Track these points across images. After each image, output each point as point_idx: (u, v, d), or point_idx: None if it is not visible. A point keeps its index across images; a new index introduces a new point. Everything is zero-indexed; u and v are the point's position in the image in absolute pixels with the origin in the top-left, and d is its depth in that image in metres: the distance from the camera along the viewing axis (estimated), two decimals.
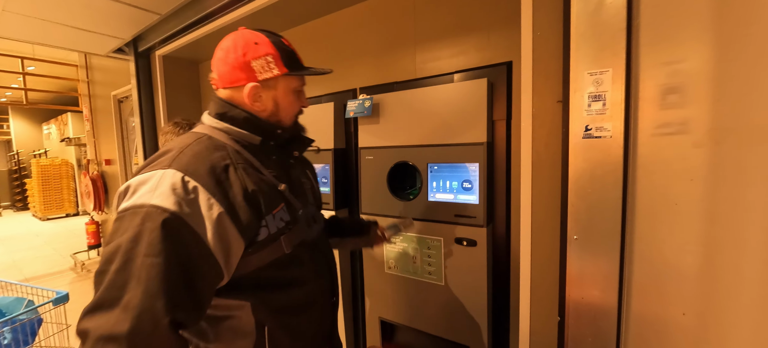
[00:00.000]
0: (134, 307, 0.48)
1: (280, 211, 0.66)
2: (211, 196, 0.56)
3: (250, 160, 0.66)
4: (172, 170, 0.56)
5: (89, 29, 2.20)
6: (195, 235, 0.53)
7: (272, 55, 0.67)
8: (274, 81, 0.69)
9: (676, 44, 0.73)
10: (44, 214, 6.98)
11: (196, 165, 0.58)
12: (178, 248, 0.52)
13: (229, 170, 0.61)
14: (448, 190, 1.34)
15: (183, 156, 0.59)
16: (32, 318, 1.39)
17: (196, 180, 0.56)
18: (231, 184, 0.59)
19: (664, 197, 0.76)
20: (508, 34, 1.27)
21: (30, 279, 3.61)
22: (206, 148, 0.62)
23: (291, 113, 0.74)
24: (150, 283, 0.49)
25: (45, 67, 4.38)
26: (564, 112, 0.88)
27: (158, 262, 0.49)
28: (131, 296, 0.48)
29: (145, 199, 0.53)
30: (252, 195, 0.61)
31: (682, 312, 0.76)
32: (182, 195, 0.54)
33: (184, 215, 0.53)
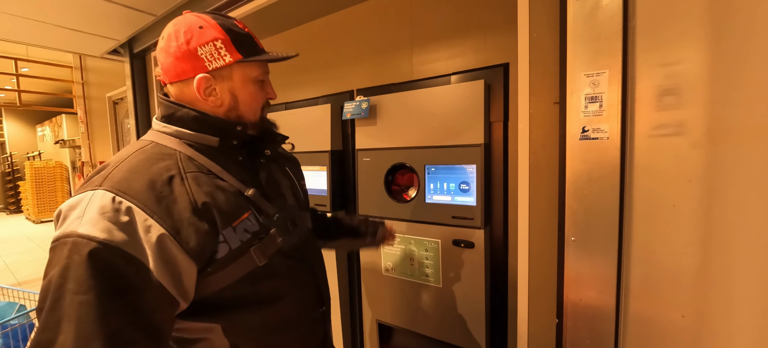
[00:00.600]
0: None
1: (243, 221, 0.58)
2: (148, 217, 0.49)
3: (207, 165, 0.58)
4: (101, 191, 0.49)
5: (84, 30, 2.18)
6: (133, 263, 0.47)
7: (222, 39, 0.58)
8: (227, 70, 0.59)
9: (672, 46, 0.73)
10: (38, 217, 6.90)
11: (131, 181, 0.50)
12: (112, 280, 0.45)
13: (173, 182, 0.53)
14: (446, 191, 1.34)
15: (117, 171, 0.52)
16: (24, 323, 1.36)
17: (129, 199, 0.49)
18: (175, 198, 0.52)
19: (661, 199, 0.76)
20: (504, 35, 1.27)
21: (22, 283, 3.57)
22: (147, 158, 0.55)
23: (254, 107, 0.64)
24: (81, 323, 0.43)
25: (39, 68, 4.34)
26: (561, 113, 0.88)
27: (88, 299, 0.43)
28: (63, 340, 0.43)
29: (72, 227, 0.46)
30: (203, 208, 0.53)
31: (681, 314, 0.76)
32: (113, 219, 0.47)
33: (116, 243, 0.46)
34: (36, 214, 6.86)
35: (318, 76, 1.86)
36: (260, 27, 1.94)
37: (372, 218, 1.10)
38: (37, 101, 6.32)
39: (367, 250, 1.56)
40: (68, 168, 7.24)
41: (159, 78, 0.63)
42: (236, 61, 0.59)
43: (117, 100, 3.35)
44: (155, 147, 0.58)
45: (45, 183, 6.93)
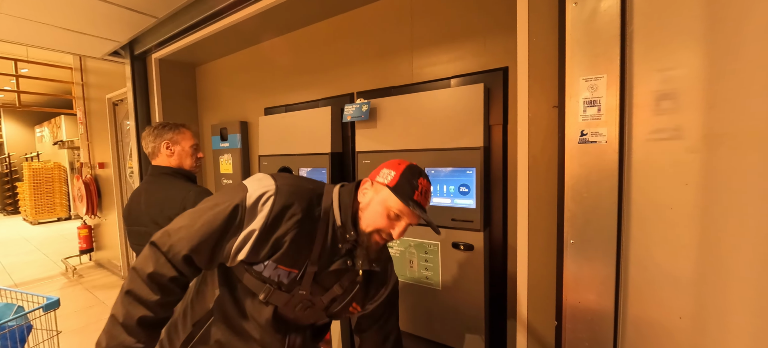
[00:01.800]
0: (183, 231, 0.70)
1: (285, 271, 0.75)
2: (267, 215, 0.71)
3: (318, 228, 0.76)
4: (275, 186, 0.73)
5: (85, 32, 2.18)
6: (239, 227, 0.71)
7: (396, 173, 0.77)
8: (380, 187, 0.77)
9: (669, 51, 0.74)
10: (35, 218, 6.87)
11: (286, 192, 0.73)
12: (227, 222, 0.70)
13: (294, 217, 0.73)
14: (445, 194, 1.34)
15: (291, 186, 0.75)
16: (21, 324, 1.36)
17: (275, 199, 0.72)
18: (283, 223, 0.72)
19: (658, 201, 0.77)
20: (504, 40, 1.28)
21: (20, 284, 3.55)
22: (307, 193, 0.76)
23: (371, 222, 0.77)
24: (200, 226, 0.70)
25: (39, 69, 4.33)
26: (560, 117, 0.89)
27: (217, 219, 0.70)
28: (190, 223, 0.70)
29: (249, 186, 0.73)
30: (281, 242, 0.73)
31: (679, 315, 0.76)
32: (260, 200, 0.71)
33: (247, 212, 0.71)
34: (33, 215, 6.83)
35: (318, 79, 1.87)
36: (261, 31, 1.96)
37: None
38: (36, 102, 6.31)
39: None
40: (67, 169, 7.21)
41: None
42: (389, 186, 0.76)
43: (117, 101, 3.35)
44: (319, 196, 0.78)
45: (43, 184, 6.91)
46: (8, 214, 8.43)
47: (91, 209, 3.77)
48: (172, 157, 1.25)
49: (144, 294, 0.69)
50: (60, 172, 7.14)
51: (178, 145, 1.26)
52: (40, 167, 6.93)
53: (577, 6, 0.84)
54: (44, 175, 6.93)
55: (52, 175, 7.04)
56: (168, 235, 0.71)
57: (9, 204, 8.41)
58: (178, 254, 0.70)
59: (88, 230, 3.93)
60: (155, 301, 0.70)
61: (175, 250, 0.70)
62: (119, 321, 0.69)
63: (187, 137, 1.28)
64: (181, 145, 1.26)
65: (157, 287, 0.70)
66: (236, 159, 2.34)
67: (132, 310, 0.69)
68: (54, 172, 7.05)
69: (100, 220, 3.90)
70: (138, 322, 0.69)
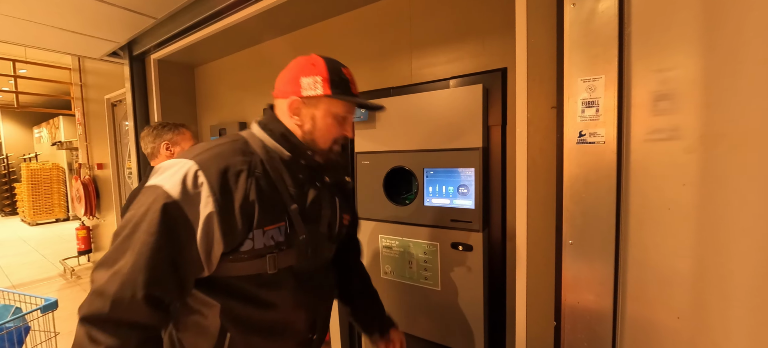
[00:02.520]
0: (123, 274, 0.54)
1: (274, 229, 0.65)
2: (211, 194, 0.59)
3: (274, 171, 0.68)
4: (191, 162, 0.61)
5: (83, 32, 2.18)
6: (188, 225, 0.58)
7: (323, 77, 0.69)
8: (315, 100, 0.70)
9: (666, 52, 0.75)
10: (33, 219, 6.85)
11: (213, 163, 0.62)
12: (171, 232, 0.56)
13: (240, 175, 0.63)
14: (444, 194, 1.34)
15: (208, 153, 0.63)
16: (19, 326, 1.35)
17: (205, 176, 0.60)
18: (236, 188, 0.62)
19: (657, 202, 0.77)
20: (502, 40, 1.28)
21: (17, 286, 3.53)
22: (232, 150, 0.66)
23: (327, 137, 0.73)
24: (140, 257, 0.54)
25: (37, 70, 4.32)
26: (558, 117, 0.89)
27: (152, 240, 0.55)
28: (124, 263, 0.54)
29: (161, 181, 0.59)
30: (250, 205, 0.62)
31: (677, 316, 0.77)
32: (189, 186, 0.58)
33: (183, 204, 0.57)
34: (31, 216, 6.81)
35: None
36: (259, 30, 1.96)
37: (388, 318, 0.98)
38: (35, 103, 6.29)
39: (365, 245, 1.56)
40: (65, 170, 7.19)
41: (273, 93, 0.76)
42: (325, 95, 0.69)
43: (115, 102, 3.34)
44: (243, 144, 0.69)
45: (41, 185, 6.89)
46: (6, 215, 8.40)
47: (89, 210, 3.76)
48: (171, 158, 1.24)
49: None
50: (58, 173, 7.12)
51: (178, 146, 1.25)
52: (39, 168, 6.91)
53: (575, 7, 0.84)
54: (42, 176, 6.92)
55: (51, 176, 7.02)
56: (101, 295, 0.53)
57: (7, 205, 8.38)
58: (133, 303, 0.53)
59: (86, 231, 3.92)
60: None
61: (123, 302, 0.53)
62: None
63: (187, 138, 1.28)
64: (181, 146, 1.26)
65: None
66: None
67: None
68: (52, 173, 7.03)
69: (98, 221, 3.89)
70: None
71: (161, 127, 1.27)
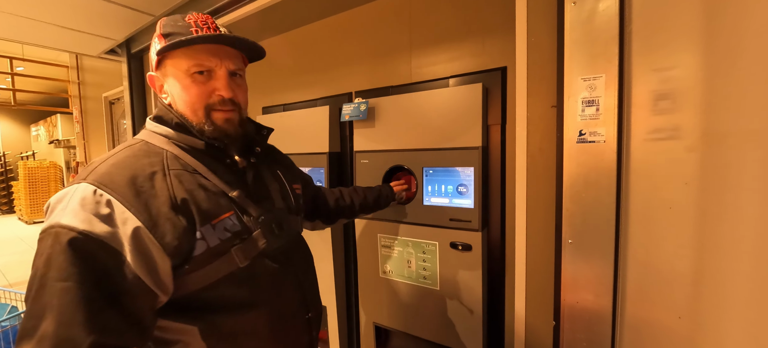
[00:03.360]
0: (49, 338, 0.43)
1: (224, 220, 0.58)
2: (126, 209, 0.50)
3: (193, 164, 0.59)
4: (84, 184, 0.50)
5: (81, 30, 2.17)
6: (111, 252, 0.48)
7: (158, 35, 0.56)
8: (162, 65, 0.58)
9: (667, 51, 0.75)
10: (30, 218, 6.82)
11: (114, 175, 0.52)
12: (91, 268, 0.46)
13: (154, 178, 0.54)
14: (444, 194, 1.34)
15: (102, 166, 0.53)
16: (15, 325, 1.34)
17: (110, 192, 0.50)
18: (155, 193, 0.53)
19: (657, 201, 0.77)
20: (502, 40, 1.28)
21: (14, 284, 3.51)
22: (133, 155, 0.56)
23: (191, 104, 0.59)
24: (62, 310, 0.44)
25: (34, 67, 4.30)
26: (558, 116, 0.89)
27: (69, 286, 0.45)
28: (46, 326, 0.44)
29: (56, 218, 0.48)
30: (182, 205, 0.54)
31: (678, 315, 0.76)
32: (93, 210, 0.48)
33: (95, 232, 0.47)
34: (29, 214, 6.78)
35: (316, 78, 1.86)
36: (258, 29, 1.95)
37: (380, 188, 1.13)
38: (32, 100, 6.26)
39: (363, 246, 1.56)
40: (62, 168, 7.16)
41: None
42: (159, 51, 0.56)
43: (113, 100, 3.33)
44: (144, 145, 0.59)
45: (38, 183, 6.85)
46: (3, 213, 8.36)
47: None
48: None
49: None
50: (56, 171, 7.08)
51: None
52: (36, 166, 6.87)
53: (576, 6, 0.84)
54: (40, 174, 6.88)
55: (48, 175, 6.98)
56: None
57: (4, 203, 8.34)
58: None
59: None
60: None
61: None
62: None
63: None
64: None
65: None
66: None
67: None
68: (50, 171, 7.00)
69: None
70: None
71: None
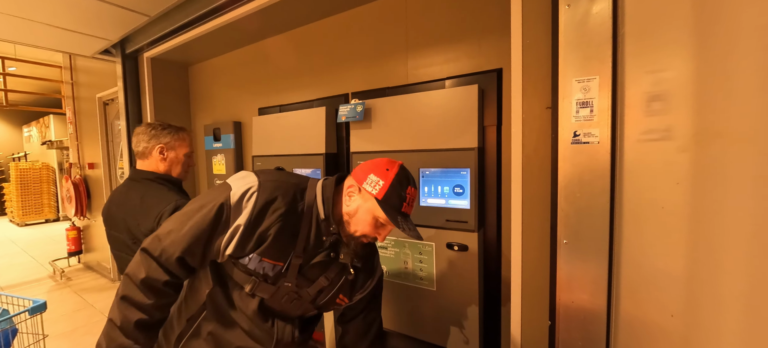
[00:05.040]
0: (173, 235, 0.73)
1: (270, 263, 0.77)
2: (251, 210, 0.73)
3: (302, 222, 0.78)
4: (258, 180, 0.76)
5: (75, 30, 2.15)
6: (227, 223, 0.73)
7: (385, 183, 0.77)
8: (368, 195, 0.77)
9: (660, 53, 0.76)
10: (22, 220, 6.71)
11: (268, 190, 0.75)
12: (215, 221, 0.73)
13: (276, 211, 0.75)
14: (440, 195, 1.34)
15: (273, 182, 0.77)
16: (6, 328, 1.32)
17: (258, 194, 0.74)
18: (266, 217, 0.74)
19: (650, 201, 0.78)
20: (498, 41, 1.29)
21: (5, 287, 3.46)
22: (288, 188, 0.77)
23: (358, 229, 0.79)
24: (188, 228, 0.72)
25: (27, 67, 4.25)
26: (553, 118, 0.90)
27: (204, 220, 0.72)
28: (178, 227, 0.73)
29: (233, 185, 0.75)
30: (265, 236, 0.75)
31: (671, 313, 0.77)
32: (244, 196, 0.74)
33: (233, 208, 0.73)
34: (20, 216, 6.67)
35: (313, 79, 1.86)
36: (255, 30, 1.94)
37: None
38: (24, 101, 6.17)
39: None
40: (55, 170, 7.07)
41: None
42: (374, 197, 0.76)
43: (107, 100, 3.29)
44: (301, 191, 0.79)
45: (30, 185, 6.75)
46: None
47: (80, 210, 3.70)
48: (162, 163, 1.16)
49: (139, 298, 0.72)
50: (48, 173, 6.99)
51: (173, 151, 1.17)
52: (28, 167, 6.78)
53: (570, 8, 0.85)
54: (32, 175, 6.79)
55: (40, 176, 6.89)
56: (158, 240, 0.73)
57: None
58: (171, 257, 0.72)
59: (76, 232, 3.86)
60: (150, 305, 0.73)
61: (167, 253, 0.72)
62: (117, 325, 0.72)
63: (185, 145, 1.20)
64: (176, 152, 1.17)
65: (151, 292, 0.73)
66: (229, 160, 2.32)
67: (128, 314, 0.72)
68: (42, 172, 6.90)
69: (89, 221, 3.83)
70: (135, 325, 0.72)
71: (161, 129, 1.16)
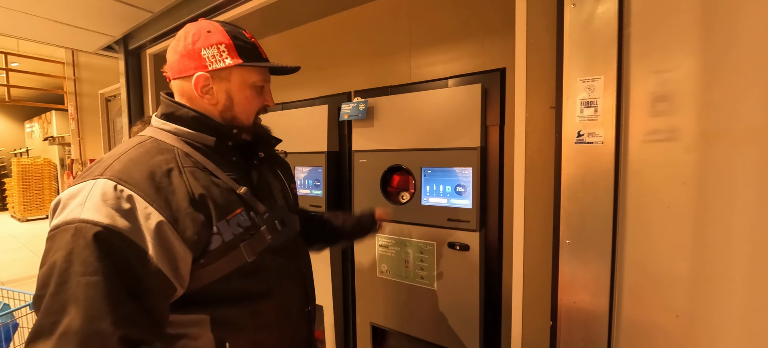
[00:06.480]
0: (76, 333, 0.44)
1: (236, 216, 0.61)
2: (148, 204, 0.51)
3: (203, 162, 0.61)
4: (103, 179, 0.51)
5: (78, 25, 2.15)
6: (134, 247, 0.49)
7: (226, 44, 0.62)
8: (226, 72, 0.63)
9: (665, 53, 0.75)
10: (24, 215, 6.74)
11: (132, 171, 0.53)
12: (116, 263, 0.47)
13: (171, 174, 0.56)
14: (442, 194, 1.34)
15: (117, 163, 0.55)
16: (7, 322, 1.33)
17: (131, 187, 0.51)
18: (174, 189, 0.55)
19: (655, 201, 0.78)
20: (502, 41, 1.29)
21: (6, 283, 3.47)
22: (147, 151, 0.58)
23: (249, 110, 0.67)
24: (90, 303, 0.45)
25: (30, 63, 4.26)
26: (557, 117, 0.89)
27: (96, 280, 0.45)
28: (70, 320, 0.44)
29: (74, 213, 0.48)
30: (199, 200, 0.56)
31: (675, 314, 0.77)
32: (115, 205, 0.49)
33: (119, 228, 0.48)
34: (22, 212, 6.70)
35: (315, 77, 1.86)
36: (259, 27, 1.94)
37: (363, 213, 1.13)
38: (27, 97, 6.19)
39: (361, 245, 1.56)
40: (57, 165, 7.09)
41: (165, 74, 0.67)
42: (236, 64, 0.62)
43: (109, 97, 3.30)
44: (154, 142, 0.61)
45: (32, 180, 6.78)
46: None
47: None
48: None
49: None
50: (50, 169, 7.01)
51: None
52: (30, 163, 6.80)
53: (575, 7, 0.85)
54: (34, 171, 6.81)
55: (42, 172, 6.91)
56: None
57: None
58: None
59: None
60: None
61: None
62: None
63: None
64: None
65: None
66: None
67: None
68: (44, 168, 6.93)
69: None
70: None
71: None
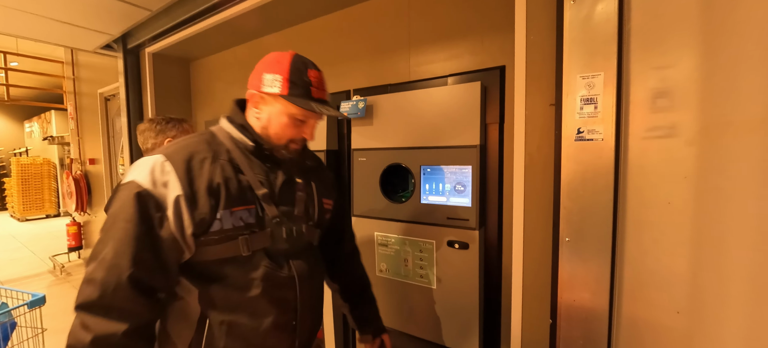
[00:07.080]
0: (106, 261, 0.59)
1: (242, 210, 0.69)
2: (178, 180, 0.64)
3: (237, 159, 0.72)
4: (160, 156, 0.66)
5: (76, 24, 2.14)
6: (159, 208, 0.63)
7: (283, 77, 0.71)
8: (272, 98, 0.72)
9: (665, 49, 0.75)
10: (23, 215, 6.73)
11: (179, 153, 0.67)
12: (145, 217, 0.62)
13: (204, 162, 0.68)
14: (441, 192, 1.34)
15: (175, 146, 0.69)
16: (5, 321, 1.32)
17: (172, 165, 0.65)
18: (200, 174, 0.66)
19: (655, 198, 0.77)
20: (501, 39, 1.28)
21: (5, 282, 3.46)
22: (197, 142, 0.71)
23: (281, 135, 0.74)
24: (119, 242, 0.60)
25: (29, 62, 4.25)
26: (557, 115, 0.89)
27: (128, 226, 0.60)
28: (106, 251, 0.60)
29: (133, 176, 0.64)
30: (216, 188, 0.67)
31: (676, 311, 0.76)
32: (157, 175, 0.64)
33: (153, 191, 0.63)
34: (21, 211, 6.69)
35: None
36: (256, 25, 1.94)
37: (377, 322, 1.02)
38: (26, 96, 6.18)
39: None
40: (56, 165, 7.08)
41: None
42: (280, 95, 0.71)
43: (109, 96, 3.29)
44: (210, 136, 0.74)
45: (31, 180, 6.77)
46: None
47: (80, 206, 3.70)
48: None
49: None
50: (49, 168, 7.00)
51: None
52: (29, 163, 6.79)
53: (575, 4, 0.84)
54: (33, 170, 6.80)
55: (41, 171, 6.90)
56: (89, 283, 0.58)
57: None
58: (119, 287, 0.58)
59: (77, 227, 3.86)
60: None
61: (111, 286, 0.57)
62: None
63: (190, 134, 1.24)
64: None
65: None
66: None
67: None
68: (43, 167, 6.92)
69: (89, 217, 3.83)
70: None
71: (165, 123, 1.21)
